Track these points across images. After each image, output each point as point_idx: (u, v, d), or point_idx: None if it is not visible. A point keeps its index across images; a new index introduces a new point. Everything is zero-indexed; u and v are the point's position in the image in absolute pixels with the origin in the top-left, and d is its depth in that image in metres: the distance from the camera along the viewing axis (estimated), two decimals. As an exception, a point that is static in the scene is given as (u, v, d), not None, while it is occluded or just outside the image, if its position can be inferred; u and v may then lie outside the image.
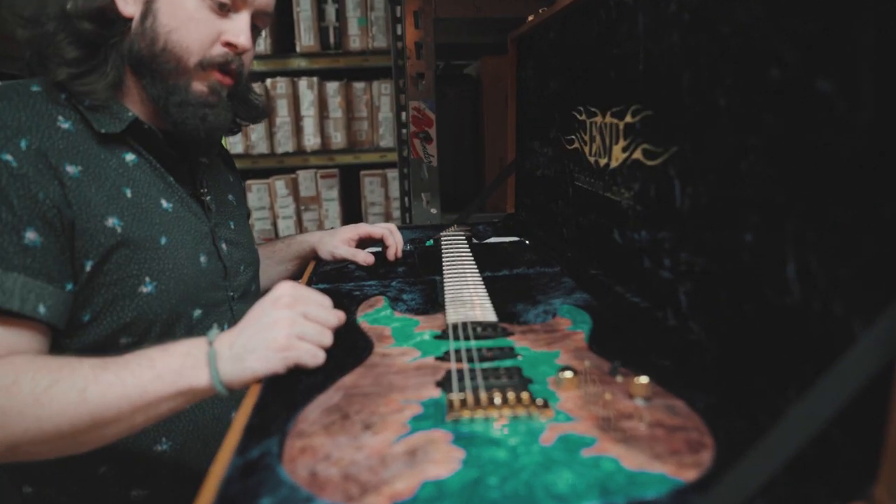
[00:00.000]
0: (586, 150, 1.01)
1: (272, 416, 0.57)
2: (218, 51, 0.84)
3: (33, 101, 0.78)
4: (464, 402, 0.55)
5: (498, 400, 0.55)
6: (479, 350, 0.68)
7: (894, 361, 0.38)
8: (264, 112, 1.03)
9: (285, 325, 0.66)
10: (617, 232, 0.88)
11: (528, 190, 1.41)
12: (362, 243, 1.20)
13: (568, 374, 0.59)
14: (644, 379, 0.56)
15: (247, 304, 1.00)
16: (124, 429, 0.67)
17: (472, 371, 0.62)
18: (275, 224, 2.96)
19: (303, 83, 2.87)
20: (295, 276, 1.20)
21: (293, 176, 2.93)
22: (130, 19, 0.81)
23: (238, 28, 0.84)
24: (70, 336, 0.78)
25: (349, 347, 0.73)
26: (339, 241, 1.15)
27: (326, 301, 0.73)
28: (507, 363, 0.65)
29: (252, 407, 0.59)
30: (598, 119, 0.94)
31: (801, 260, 0.50)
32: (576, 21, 1.03)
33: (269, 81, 2.83)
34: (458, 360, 0.66)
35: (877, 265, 0.43)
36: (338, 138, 2.93)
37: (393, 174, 2.90)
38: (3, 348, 0.69)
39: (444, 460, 0.48)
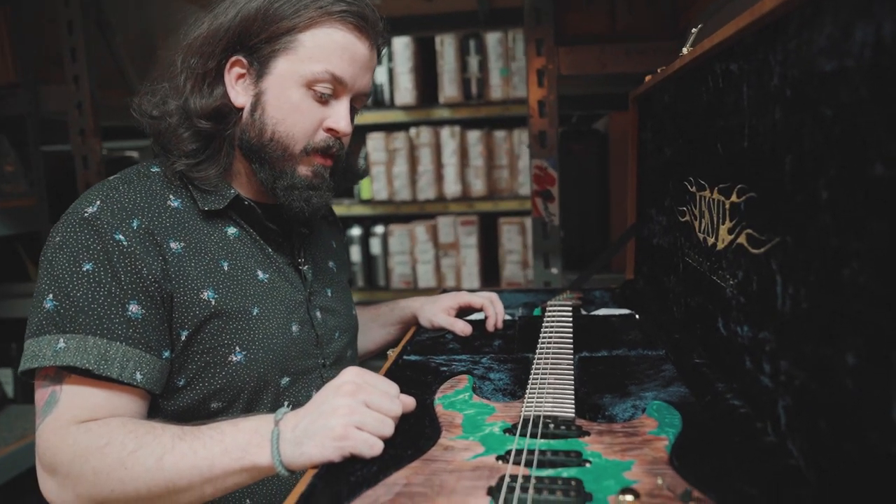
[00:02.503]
0: (696, 225, 0.92)
1: (315, 512, 0.57)
2: (321, 137, 0.88)
3: (150, 181, 0.86)
4: (505, 522, 0.51)
5: (543, 522, 0.51)
6: (543, 452, 0.63)
7: None
8: (363, 174, 1.07)
9: (344, 414, 0.66)
10: (721, 321, 0.80)
11: (645, 258, 1.33)
12: (463, 312, 1.18)
13: (629, 497, 0.53)
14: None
15: (340, 370, 1.02)
16: (195, 498, 0.70)
17: (527, 479, 0.58)
18: (414, 269, 3.03)
19: (445, 132, 2.95)
20: (397, 340, 1.21)
21: (433, 222, 3.00)
22: (241, 109, 0.88)
23: (339, 114, 0.88)
24: (167, 399, 0.83)
25: (415, 435, 0.71)
26: (438, 310, 1.15)
27: (392, 389, 0.73)
28: (570, 472, 0.60)
29: (297, 499, 0.59)
30: (707, 194, 0.86)
31: (906, 401, 0.42)
32: (687, 86, 0.96)
33: (412, 130, 2.96)
34: (518, 461, 0.62)
35: None
36: (478, 186, 2.97)
37: (531, 222, 2.87)
38: (104, 410, 0.75)
39: None
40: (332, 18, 0.85)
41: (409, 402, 0.74)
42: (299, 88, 0.85)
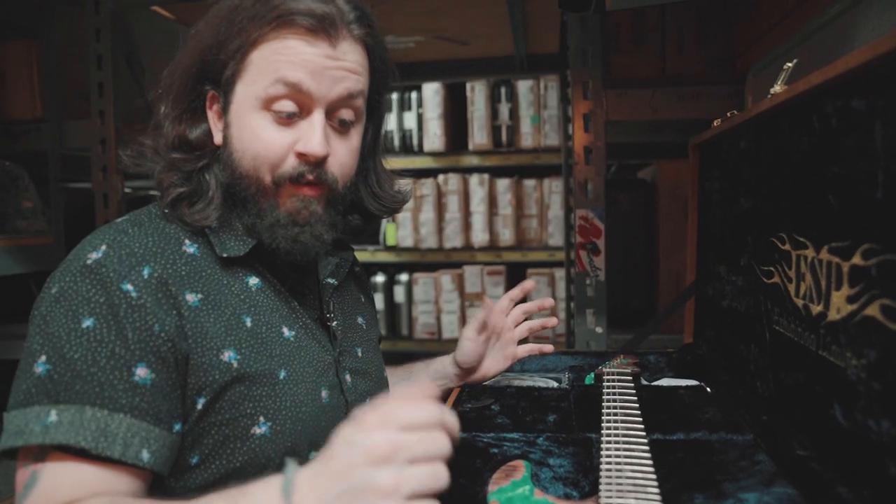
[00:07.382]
0: (791, 288, 0.79)
1: None
2: (290, 163, 0.75)
3: (164, 223, 0.75)
4: None
5: None
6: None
7: None
8: (402, 200, 0.94)
9: (389, 492, 0.49)
10: (839, 409, 0.65)
11: (710, 320, 1.19)
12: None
13: None
14: None
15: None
16: None
17: None
18: (438, 318, 2.96)
19: (474, 180, 2.89)
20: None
21: (460, 271, 2.92)
22: (219, 147, 0.79)
23: (307, 135, 0.75)
24: (176, 478, 0.70)
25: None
26: (465, 339, 1.02)
27: (430, 414, 0.52)
28: None
29: None
30: (810, 253, 0.73)
31: None
32: (777, 129, 0.84)
33: (440, 178, 2.90)
34: None
35: None
36: (506, 235, 2.90)
37: (560, 273, 2.76)
38: (90, 488, 0.62)
39: None
40: (274, 28, 0.73)
41: (453, 423, 0.54)
42: (257, 112, 0.74)
